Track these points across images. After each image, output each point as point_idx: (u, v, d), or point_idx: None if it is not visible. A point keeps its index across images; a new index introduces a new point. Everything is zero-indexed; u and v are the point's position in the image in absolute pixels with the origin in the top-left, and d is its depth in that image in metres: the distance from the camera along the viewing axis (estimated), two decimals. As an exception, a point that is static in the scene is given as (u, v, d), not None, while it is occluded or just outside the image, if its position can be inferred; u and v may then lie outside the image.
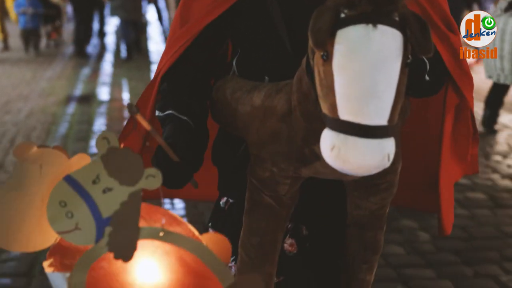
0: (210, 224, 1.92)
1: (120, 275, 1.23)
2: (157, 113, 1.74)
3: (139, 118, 1.38)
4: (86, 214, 1.18)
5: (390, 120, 1.28)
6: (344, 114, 1.27)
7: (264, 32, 1.69)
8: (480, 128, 6.42)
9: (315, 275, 1.84)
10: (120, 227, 1.19)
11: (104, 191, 1.18)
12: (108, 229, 1.19)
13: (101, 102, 8.90)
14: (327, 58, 1.30)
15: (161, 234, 1.21)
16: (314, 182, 1.68)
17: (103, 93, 9.58)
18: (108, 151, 1.19)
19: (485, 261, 4.03)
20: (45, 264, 1.27)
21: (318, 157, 1.49)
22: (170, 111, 1.69)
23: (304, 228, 1.82)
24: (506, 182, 5.33)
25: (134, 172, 1.18)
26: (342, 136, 1.26)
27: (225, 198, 1.88)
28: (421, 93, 1.69)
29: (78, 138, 7.05)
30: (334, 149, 1.26)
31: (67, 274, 1.20)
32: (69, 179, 1.19)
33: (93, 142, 6.86)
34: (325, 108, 1.33)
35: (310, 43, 1.37)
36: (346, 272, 1.76)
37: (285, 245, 1.79)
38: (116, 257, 1.19)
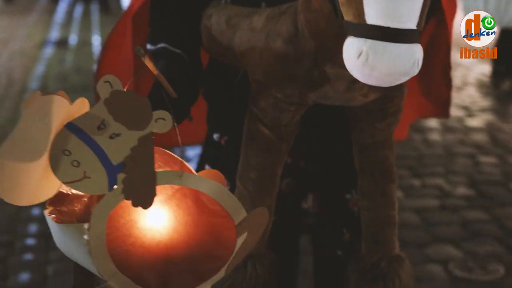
0: (204, 161, 1.79)
1: (139, 222, 1.14)
2: (148, 46, 1.58)
3: (146, 61, 1.26)
4: (93, 161, 1.07)
5: (419, 24, 1.15)
6: (373, 18, 1.13)
7: None
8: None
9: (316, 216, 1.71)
10: (134, 173, 1.08)
11: (111, 137, 1.07)
12: (121, 176, 1.08)
13: (76, 45, 8.93)
14: None
15: (180, 177, 1.12)
16: (314, 113, 1.53)
17: (77, 37, 9.63)
18: (112, 95, 1.07)
19: (432, 174, 4.24)
20: (46, 212, 1.16)
21: (328, 79, 1.36)
22: (162, 44, 1.54)
23: (302, 161, 1.68)
24: (457, 112, 5.46)
25: (142, 116, 1.08)
26: (370, 41, 1.13)
27: (217, 134, 1.74)
28: None
29: (57, 78, 7.23)
30: (361, 56, 1.13)
31: (86, 225, 1.09)
32: (72, 126, 1.08)
33: (71, 82, 7.06)
34: (349, 15, 1.18)
35: None
36: (366, 210, 1.59)
37: (283, 185, 1.65)
38: (135, 204, 1.09)
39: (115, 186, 1.08)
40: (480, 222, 3.63)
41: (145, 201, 1.09)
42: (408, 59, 1.13)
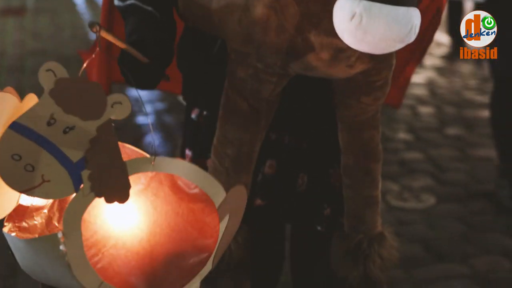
0: (184, 145, 1.65)
1: (117, 220, 1.01)
2: (116, 2, 1.41)
3: (105, 35, 1.12)
4: (50, 162, 0.93)
5: None
6: None
7: None
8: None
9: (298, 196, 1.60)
10: (100, 167, 0.95)
11: (65, 132, 0.94)
12: (85, 173, 0.94)
13: (34, 14, 8.94)
14: None
15: (152, 163, 1.00)
16: (297, 85, 1.40)
17: (35, 5, 9.66)
18: (57, 84, 0.93)
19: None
20: (5, 230, 1.02)
21: (312, 47, 1.23)
22: (131, 1, 1.38)
23: (287, 137, 1.54)
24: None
25: (95, 103, 0.94)
26: (364, 2, 1.01)
27: (197, 110, 1.58)
28: None
29: (16, 45, 7.47)
30: (354, 18, 1.02)
31: (59, 234, 0.94)
32: (17, 126, 0.93)
33: (30, 47, 7.06)
34: None
35: None
36: (348, 188, 1.51)
37: (265, 167, 1.54)
38: (109, 200, 0.95)
39: (82, 185, 0.93)
40: (416, 162, 3.83)
41: (120, 195, 0.96)
42: (405, 24, 1.02)
